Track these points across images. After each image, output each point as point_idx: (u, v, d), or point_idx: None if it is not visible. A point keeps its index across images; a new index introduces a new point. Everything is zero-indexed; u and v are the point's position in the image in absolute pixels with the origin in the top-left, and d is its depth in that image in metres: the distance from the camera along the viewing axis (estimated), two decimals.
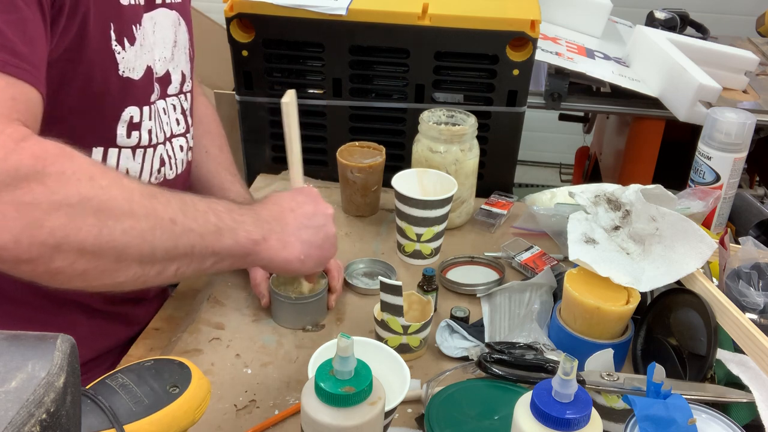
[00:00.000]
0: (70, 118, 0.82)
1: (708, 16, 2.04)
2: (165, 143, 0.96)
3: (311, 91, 1.31)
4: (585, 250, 0.90)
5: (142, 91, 0.89)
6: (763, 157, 1.65)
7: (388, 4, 1.22)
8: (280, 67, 1.30)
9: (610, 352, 0.81)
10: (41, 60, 0.71)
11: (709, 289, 0.85)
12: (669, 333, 0.87)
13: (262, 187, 1.34)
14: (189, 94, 1.03)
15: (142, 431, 0.60)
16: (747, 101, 1.55)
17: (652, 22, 1.74)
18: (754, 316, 0.85)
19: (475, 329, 0.96)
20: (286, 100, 0.92)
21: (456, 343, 0.93)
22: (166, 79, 0.96)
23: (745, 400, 0.75)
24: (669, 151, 1.60)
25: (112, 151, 0.88)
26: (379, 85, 1.32)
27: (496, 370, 0.78)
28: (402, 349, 0.91)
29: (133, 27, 0.86)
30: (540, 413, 0.58)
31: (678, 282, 0.89)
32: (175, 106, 0.99)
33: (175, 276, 0.74)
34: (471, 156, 1.17)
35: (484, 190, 1.30)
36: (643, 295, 0.89)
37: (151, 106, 0.92)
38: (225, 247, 0.77)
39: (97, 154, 0.86)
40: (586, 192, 0.98)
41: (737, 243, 0.95)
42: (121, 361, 0.95)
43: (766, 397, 0.74)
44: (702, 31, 1.81)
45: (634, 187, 0.96)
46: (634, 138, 1.61)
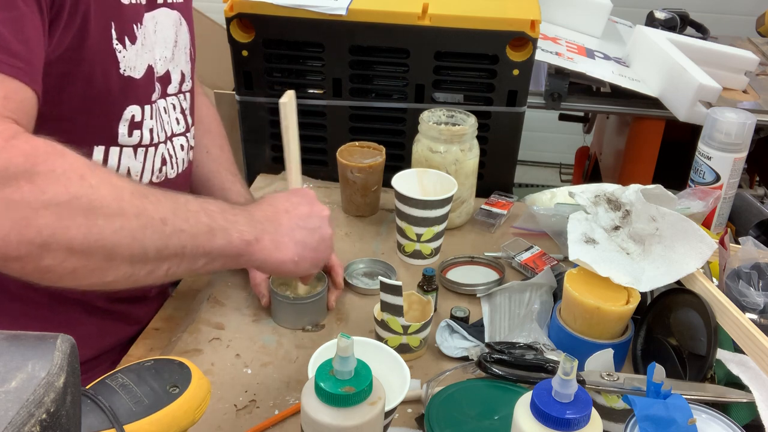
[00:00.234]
0: (71, 116, 0.82)
1: (708, 16, 2.04)
2: (166, 142, 0.96)
3: (311, 91, 1.31)
4: (585, 250, 0.90)
5: (143, 90, 0.89)
6: (763, 157, 1.65)
7: (388, 4, 1.22)
8: (280, 67, 1.30)
9: (610, 352, 0.81)
10: (37, 58, 0.71)
11: (709, 289, 0.85)
12: (669, 333, 0.87)
13: (262, 187, 1.34)
14: (188, 94, 1.03)
15: (142, 431, 0.60)
16: (747, 101, 1.55)
17: (652, 22, 1.74)
18: (754, 316, 0.85)
19: (475, 329, 0.96)
20: (284, 101, 0.92)
21: (456, 343, 0.93)
22: (166, 79, 0.96)
23: (745, 400, 0.75)
24: (669, 151, 1.60)
25: (114, 150, 0.88)
26: (379, 85, 1.32)
27: (496, 370, 0.78)
28: (402, 349, 0.91)
29: (134, 26, 0.86)
30: (540, 413, 0.58)
31: (678, 282, 0.89)
32: (174, 105, 0.99)
33: (166, 276, 0.74)
34: (471, 156, 1.17)
35: (484, 190, 1.30)
36: (643, 295, 0.89)
37: (152, 105, 0.92)
38: (217, 247, 0.77)
39: (98, 152, 0.86)
40: (586, 192, 0.98)
41: (737, 243, 0.95)
42: (121, 361, 0.95)
43: (766, 397, 0.74)
44: (702, 31, 1.81)
45: (634, 187, 0.96)
46: (634, 138, 1.61)
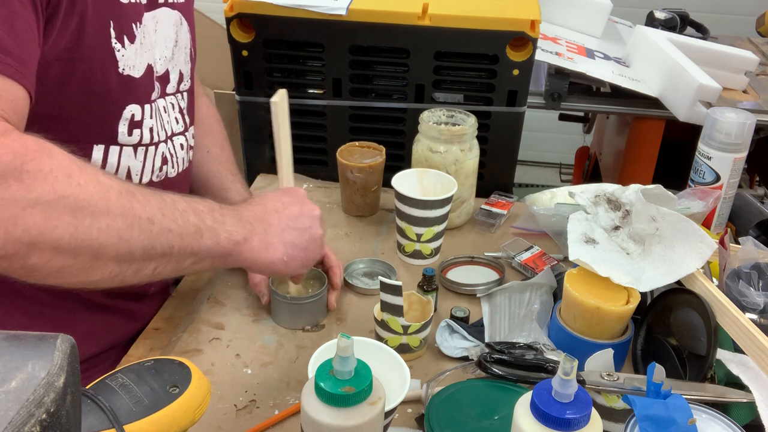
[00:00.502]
0: (71, 115, 0.82)
1: (708, 16, 2.04)
2: (167, 141, 0.96)
3: (311, 91, 1.31)
4: (585, 250, 0.90)
5: (143, 89, 0.89)
6: (763, 157, 1.65)
7: (388, 4, 1.22)
8: (280, 67, 1.30)
9: (610, 352, 0.81)
10: (30, 57, 0.71)
11: (709, 289, 0.85)
12: (669, 333, 0.87)
13: (262, 187, 1.34)
14: (186, 93, 1.03)
15: (142, 431, 0.60)
16: (747, 101, 1.55)
17: (652, 22, 1.74)
18: (754, 316, 0.85)
19: (475, 329, 0.96)
20: (275, 100, 0.91)
21: (456, 343, 0.93)
22: (165, 78, 0.96)
23: (745, 400, 0.75)
24: (669, 151, 1.60)
25: (114, 149, 0.88)
26: (379, 85, 1.32)
27: (496, 370, 0.78)
28: (402, 349, 0.91)
29: (133, 25, 0.86)
30: (540, 413, 0.58)
31: (678, 282, 0.89)
32: (173, 104, 0.99)
33: (153, 275, 0.74)
34: (471, 156, 1.17)
35: (484, 190, 1.30)
36: (643, 295, 0.89)
37: (152, 105, 0.92)
38: (204, 247, 0.76)
39: (98, 151, 0.86)
40: (586, 192, 0.98)
41: (737, 243, 0.95)
42: (121, 361, 0.95)
43: (766, 397, 0.74)
44: (702, 31, 1.81)
45: (634, 187, 0.96)
46: (634, 138, 1.61)
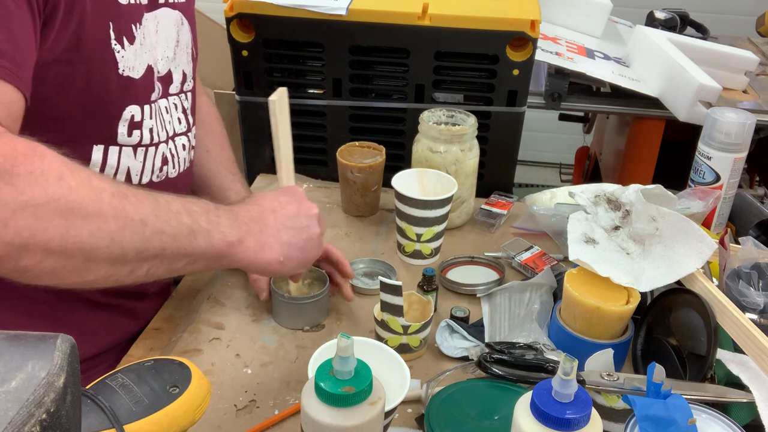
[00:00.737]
0: (70, 116, 0.82)
1: (708, 16, 2.04)
2: (167, 142, 0.96)
3: (311, 91, 1.31)
4: (585, 250, 0.90)
5: (142, 90, 0.89)
6: (763, 157, 1.65)
7: (388, 4, 1.22)
8: (280, 67, 1.30)
9: (610, 352, 0.81)
10: (26, 59, 0.70)
11: (709, 289, 0.85)
12: (669, 333, 0.87)
13: (262, 187, 1.34)
14: (190, 93, 1.03)
15: (142, 431, 0.60)
16: (747, 101, 1.55)
17: (652, 22, 1.74)
18: (754, 316, 0.85)
19: (475, 329, 0.96)
20: (273, 98, 0.90)
21: (456, 343, 0.93)
22: (167, 78, 0.96)
23: (745, 400, 0.75)
24: (669, 151, 1.60)
25: (113, 150, 0.88)
26: (379, 85, 1.32)
27: (496, 370, 0.78)
28: (402, 349, 0.91)
29: (133, 26, 0.86)
30: (540, 413, 0.58)
31: (678, 282, 0.89)
32: (176, 105, 0.99)
33: (147, 276, 0.74)
34: (471, 156, 1.17)
35: (484, 190, 1.30)
36: (643, 295, 0.89)
37: (152, 105, 0.92)
38: (198, 249, 0.76)
39: (97, 152, 0.86)
40: (586, 192, 0.98)
41: (737, 243, 0.95)
42: (121, 361, 0.95)
43: (766, 397, 0.74)
44: (702, 31, 1.81)
45: (634, 187, 0.96)
46: (634, 138, 1.61)
